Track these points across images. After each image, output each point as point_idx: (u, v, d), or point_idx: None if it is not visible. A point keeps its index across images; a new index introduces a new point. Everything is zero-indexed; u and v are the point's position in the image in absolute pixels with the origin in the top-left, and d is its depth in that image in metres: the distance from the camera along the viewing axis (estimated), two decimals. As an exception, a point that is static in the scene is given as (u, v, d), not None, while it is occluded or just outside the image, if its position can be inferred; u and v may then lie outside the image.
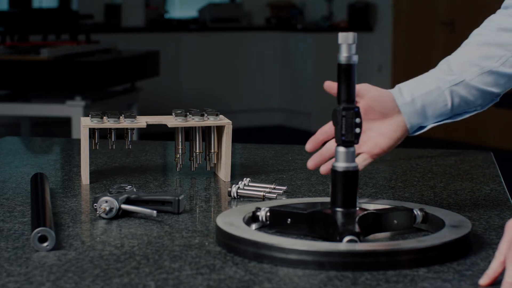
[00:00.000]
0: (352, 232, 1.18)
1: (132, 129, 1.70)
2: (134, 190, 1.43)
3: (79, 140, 1.69)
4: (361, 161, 1.37)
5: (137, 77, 5.67)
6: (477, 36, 1.43)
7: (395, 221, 1.27)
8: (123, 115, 1.67)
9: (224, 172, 1.68)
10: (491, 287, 1.06)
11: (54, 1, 8.04)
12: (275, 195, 1.52)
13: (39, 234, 1.19)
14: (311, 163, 1.36)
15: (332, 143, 1.36)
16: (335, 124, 1.24)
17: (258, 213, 1.29)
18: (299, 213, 1.26)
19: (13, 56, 4.96)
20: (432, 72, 1.41)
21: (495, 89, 1.40)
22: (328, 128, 1.37)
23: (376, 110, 1.38)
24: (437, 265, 1.13)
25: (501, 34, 1.41)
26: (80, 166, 1.67)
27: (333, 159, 1.26)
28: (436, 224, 1.27)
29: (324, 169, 1.37)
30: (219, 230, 1.23)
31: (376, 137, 1.38)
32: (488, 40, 1.41)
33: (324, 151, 1.37)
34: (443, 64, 1.42)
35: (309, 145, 1.37)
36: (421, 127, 1.41)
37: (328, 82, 1.35)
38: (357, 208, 1.25)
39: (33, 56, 4.87)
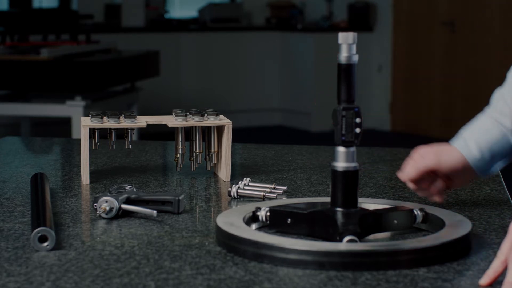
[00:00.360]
0: (352, 232, 1.18)
1: (132, 129, 1.70)
2: (134, 190, 1.43)
3: (79, 140, 1.69)
4: (437, 194, 1.43)
5: (137, 77, 5.67)
6: None
7: (395, 221, 1.27)
8: (123, 115, 1.67)
9: (224, 172, 1.68)
10: (492, 287, 1.06)
11: (54, 1, 8.04)
12: (275, 195, 1.52)
13: (39, 234, 1.19)
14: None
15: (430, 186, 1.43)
16: (335, 124, 1.24)
17: (258, 213, 1.29)
18: (299, 213, 1.26)
19: (13, 56, 4.96)
20: (491, 114, 1.42)
21: None
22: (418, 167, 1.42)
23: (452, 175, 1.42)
24: (437, 265, 1.13)
25: None
26: (80, 166, 1.67)
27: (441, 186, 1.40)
28: (436, 224, 1.27)
29: (440, 198, 1.44)
30: (219, 230, 1.23)
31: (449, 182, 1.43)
32: None
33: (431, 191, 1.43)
34: (499, 101, 1.42)
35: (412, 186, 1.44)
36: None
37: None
38: (357, 208, 1.25)
39: (33, 56, 4.86)
